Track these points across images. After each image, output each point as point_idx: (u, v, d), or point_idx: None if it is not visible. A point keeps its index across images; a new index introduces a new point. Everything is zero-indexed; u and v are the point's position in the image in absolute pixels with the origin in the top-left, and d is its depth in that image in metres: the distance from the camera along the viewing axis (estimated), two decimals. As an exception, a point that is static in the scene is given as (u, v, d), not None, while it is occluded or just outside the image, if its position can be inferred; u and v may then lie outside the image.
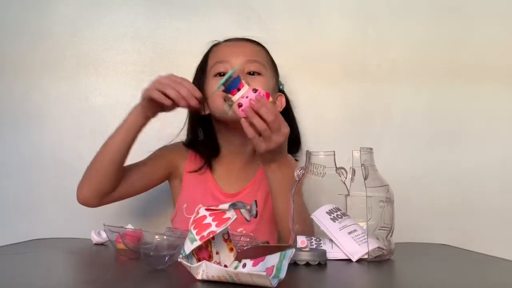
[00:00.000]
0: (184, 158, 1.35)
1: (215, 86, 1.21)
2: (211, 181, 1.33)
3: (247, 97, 1.06)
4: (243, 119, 1.07)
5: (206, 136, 1.35)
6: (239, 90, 1.07)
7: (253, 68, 1.28)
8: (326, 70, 1.55)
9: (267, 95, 1.09)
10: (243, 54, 1.29)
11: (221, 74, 1.26)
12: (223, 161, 1.35)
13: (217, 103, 1.22)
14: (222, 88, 1.07)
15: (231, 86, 1.07)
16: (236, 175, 1.33)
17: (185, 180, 1.33)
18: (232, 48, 1.32)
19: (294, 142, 1.40)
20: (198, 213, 0.81)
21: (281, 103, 1.35)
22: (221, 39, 1.38)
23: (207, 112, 1.30)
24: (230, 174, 1.33)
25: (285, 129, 1.10)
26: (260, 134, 1.08)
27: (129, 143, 1.20)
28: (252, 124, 1.07)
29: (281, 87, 1.40)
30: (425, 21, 1.58)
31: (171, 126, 1.40)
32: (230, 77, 1.06)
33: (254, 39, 1.36)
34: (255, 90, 1.07)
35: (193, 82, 1.33)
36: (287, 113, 1.37)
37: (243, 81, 1.08)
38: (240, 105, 1.07)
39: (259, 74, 1.28)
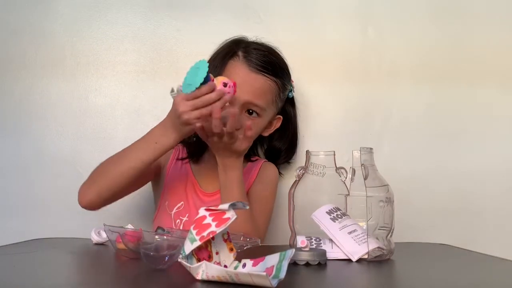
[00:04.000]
0: (167, 155, 1.34)
1: None
2: (191, 177, 1.35)
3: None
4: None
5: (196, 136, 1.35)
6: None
7: (253, 109, 1.30)
8: (326, 70, 1.55)
9: (234, 84, 1.15)
10: (249, 95, 1.27)
11: None
12: (205, 159, 1.37)
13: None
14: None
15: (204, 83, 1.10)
16: (216, 176, 1.28)
17: (167, 175, 1.35)
18: (244, 82, 1.27)
19: (290, 149, 1.46)
20: (198, 213, 0.81)
21: (275, 126, 1.39)
22: (221, 40, 1.37)
23: None
24: (209, 174, 1.34)
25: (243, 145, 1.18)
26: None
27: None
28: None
29: (290, 94, 1.41)
30: (425, 21, 1.57)
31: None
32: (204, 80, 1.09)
33: (275, 64, 1.33)
34: (224, 85, 1.12)
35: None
36: (286, 127, 1.42)
37: (212, 79, 1.12)
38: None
39: (257, 114, 1.30)
